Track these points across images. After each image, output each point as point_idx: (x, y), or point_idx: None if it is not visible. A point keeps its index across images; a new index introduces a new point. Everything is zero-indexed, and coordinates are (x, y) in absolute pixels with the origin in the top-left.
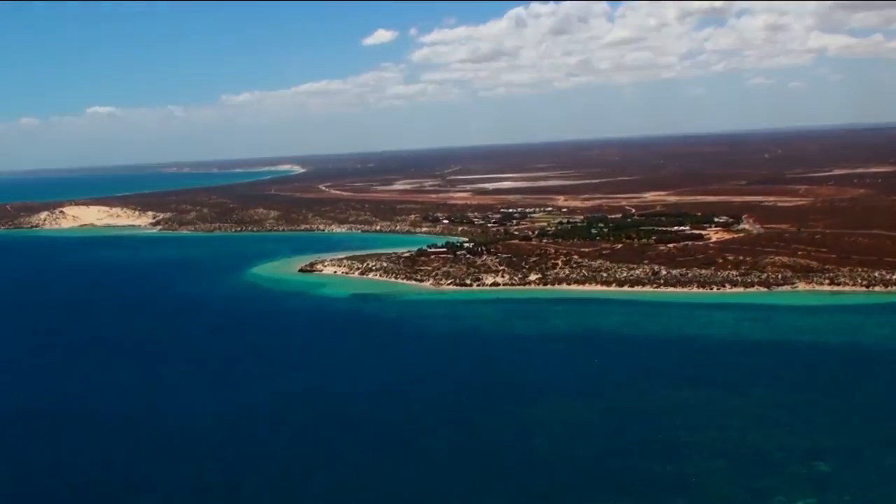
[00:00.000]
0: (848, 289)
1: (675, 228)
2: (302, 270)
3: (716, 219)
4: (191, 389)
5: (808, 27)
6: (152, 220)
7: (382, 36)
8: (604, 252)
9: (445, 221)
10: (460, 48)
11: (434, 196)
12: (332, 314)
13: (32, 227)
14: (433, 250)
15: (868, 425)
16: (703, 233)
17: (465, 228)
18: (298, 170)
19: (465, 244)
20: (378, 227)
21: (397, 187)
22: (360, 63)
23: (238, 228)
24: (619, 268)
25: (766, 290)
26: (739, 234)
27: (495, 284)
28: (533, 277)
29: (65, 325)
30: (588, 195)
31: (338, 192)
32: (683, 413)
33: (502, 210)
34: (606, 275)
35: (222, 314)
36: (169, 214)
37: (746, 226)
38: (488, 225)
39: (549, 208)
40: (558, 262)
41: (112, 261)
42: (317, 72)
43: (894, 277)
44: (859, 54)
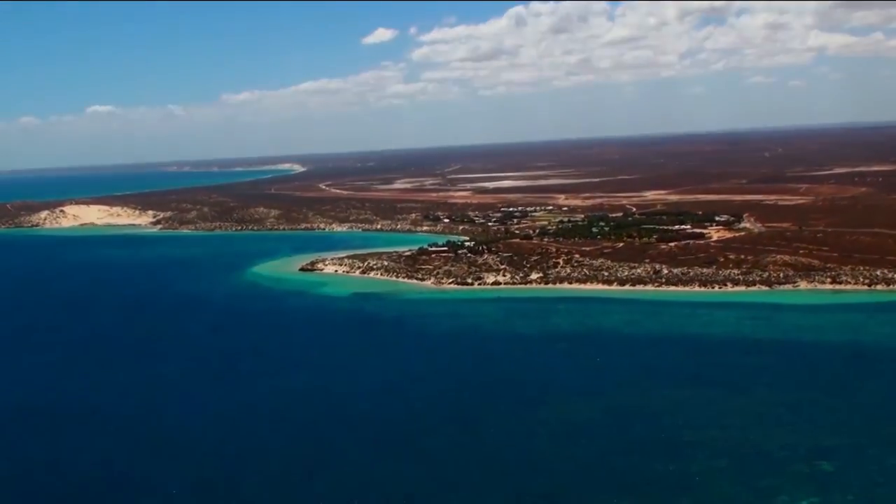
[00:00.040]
0: (850, 287)
1: (677, 227)
2: (303, 269)
3: (717, 217)
4: (191, 388)
5: (808, 26)
6: (153, 219)
7: (382, 35)
8: (605, 251)
9: (446, 220)
10: (460, 47)
11: (434, 195)
12: (333, 313)
13: (33, 226)
14: (434, 249)
15: (870, 424)
16: (704, 231)
17: (465, 227)
18: (299, 169)
19: (466, 243)
20: (379, 226)
21: (398, 186)
22: (360, 62)
23: (238, 227)
24: (620, 267)
25: (768, 288)
26: (740, 233)
27: (496, 283)
28: (534, 276)
29: (65, 323)
30: (588, 194)
31: (338, 190)
32: (685, 412)
33: (503, 209)
34: (608, 274)
35: (223, 313)
36: (169, 213)
37: (747, 224)
38: (489, 224)
39: (549, 207)
40: (559, 260)
41: (112, 260)
42: (317, 71)
43: None
44: (859, 53)
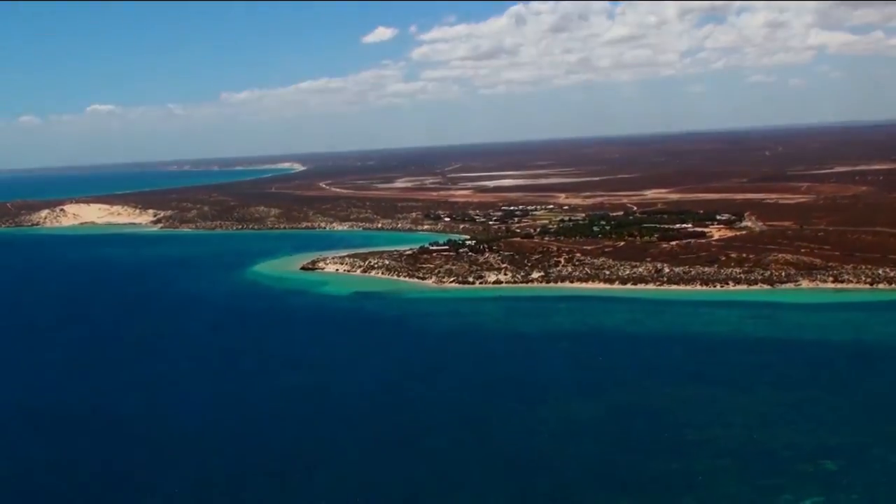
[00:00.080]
0: (852, 286)
1: (678, 226)
2: (303, 268)
3: (718, 216)
4: (192, 386)
5: (808, 24)
6: (153, 218)
7: (382, 34)
8: (606, 250)
9: (447, 219)
10: (460, 46)
11: (435, 194)
12: (333, 312)
13: (33, 225)
14: (435, 248)
15: (874, 423)
16: (705, 230)
17: (466, 226)
18: (299, 168)
19: (467, 242)
20: (379, 225)
21: (398, 185)
22: (360, 61)
23: (239, 226)
24: (621, 265)
25: (770, 287)
26: (742, 232)
27: (498, 282)
28: (535, 275)
29: (65, 322)
30: (589, 193)
31: (338, 189)
32: (688, 411)
33: (503, 208)
34: (609, 272)
35: (223, 312)
36: (170, 212)
37: (749, 223)
38: (490, 223)
39: (550, 206)
40: (561, 259)
41: (113, 259)
42: (317, 70)
43: None
44: (859, 51)
